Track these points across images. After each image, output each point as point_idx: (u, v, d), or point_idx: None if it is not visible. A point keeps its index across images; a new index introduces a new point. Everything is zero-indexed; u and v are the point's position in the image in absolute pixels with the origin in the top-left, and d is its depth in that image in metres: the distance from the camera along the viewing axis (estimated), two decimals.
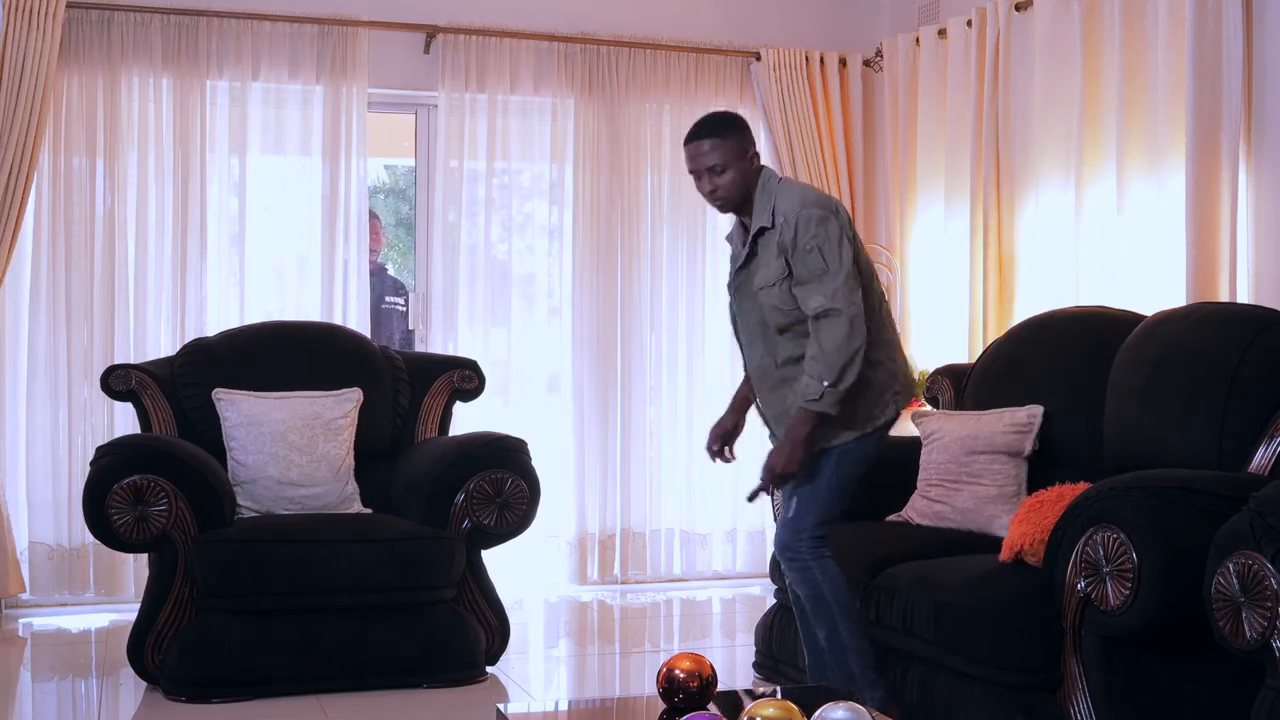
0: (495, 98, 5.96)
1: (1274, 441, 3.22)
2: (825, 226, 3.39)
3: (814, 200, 3.45)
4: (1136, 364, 3.68)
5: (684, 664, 2.67)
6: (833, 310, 3.36)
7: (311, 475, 4.47)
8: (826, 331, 3.37)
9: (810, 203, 3.44)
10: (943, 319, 5.85)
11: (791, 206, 3.43)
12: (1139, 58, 4.69)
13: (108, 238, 5.52)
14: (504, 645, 4.44)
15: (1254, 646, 2.57)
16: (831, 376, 3.36)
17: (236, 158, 5.71)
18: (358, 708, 3.99)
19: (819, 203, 3.45)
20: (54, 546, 5.47)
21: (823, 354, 3.36)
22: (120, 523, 4.03)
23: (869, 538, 3.93)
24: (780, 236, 3.44)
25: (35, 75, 5.24)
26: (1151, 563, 2.83)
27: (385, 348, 5.06)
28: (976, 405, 4.31)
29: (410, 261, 6.86)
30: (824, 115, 6.25)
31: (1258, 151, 4.33)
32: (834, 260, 3.38)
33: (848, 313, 3.35)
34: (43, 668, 4.71)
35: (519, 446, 4.49)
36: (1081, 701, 3.03)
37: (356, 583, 4.14)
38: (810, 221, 3.40)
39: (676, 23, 6.24)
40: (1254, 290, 4.32)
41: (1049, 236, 5.14)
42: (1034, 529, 3.32)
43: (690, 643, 5.10)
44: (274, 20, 5.66)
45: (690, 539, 6.24)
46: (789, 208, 3.44)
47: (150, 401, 4.59)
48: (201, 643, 4.05)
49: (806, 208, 3.42)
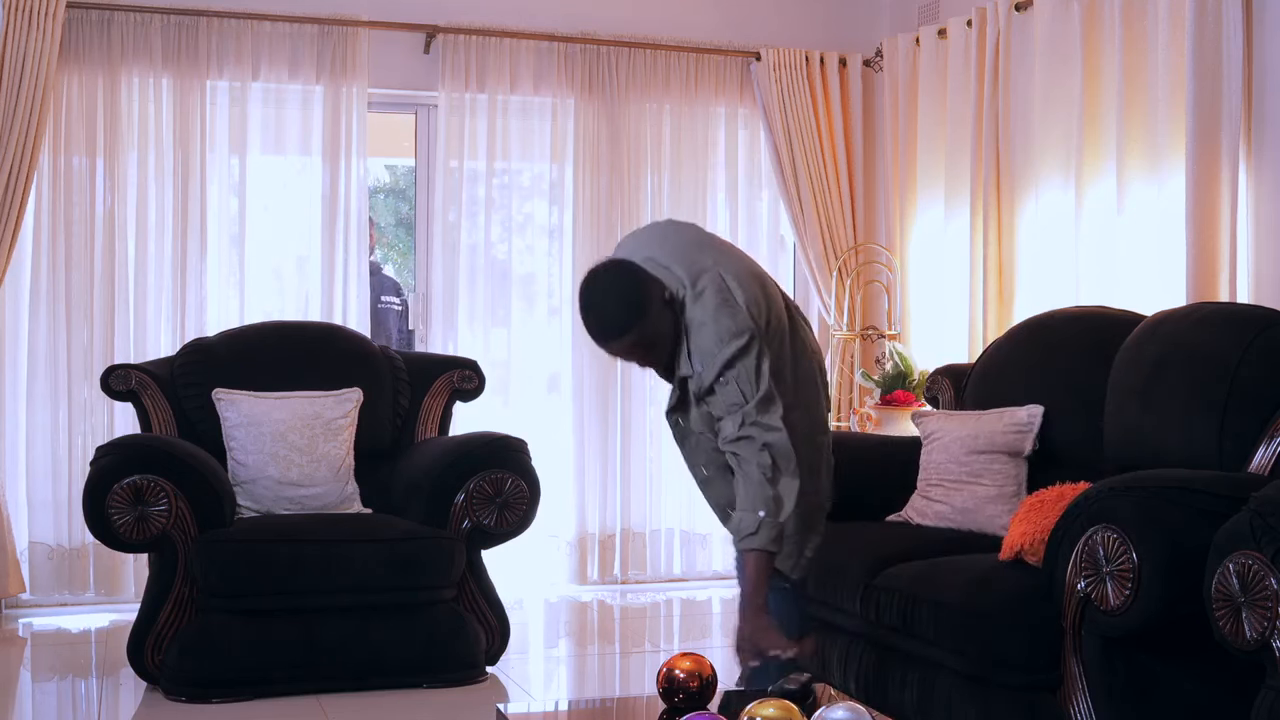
0: (495, 98, 5.96)
1: (1274, 441, 3.22)
2: (743, 359, 3.01)
3: (728, 335, 3.02)
4: (1136, 364, 3.68)
5: (684, 664, 2.67)
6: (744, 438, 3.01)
7: (311, 475, 4.47)
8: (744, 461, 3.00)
9: (725, 339, 3.02)
10: (943, 319, 5.85)
11: (709, 349, 3.04)
12: (1139, 58, 4.69)
13: (108, 238, 5.52)
14: (504, 645, 4.44)
15: (1254, 646, 2.57)
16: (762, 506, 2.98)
17: (236, 158, 5.71)
18: (358, 708, 3.99)
19: (733, 335, 3.02)
20: (54, 546, 5.47)
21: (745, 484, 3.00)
22: (120, 523, 4.03)
23: (869, 538, 3.93)
24: (700, 383, 3.09)
25: (35, 75, 5.24)
26: (1151, 563, 2.83)
27: (385, 348, 5.05)
28: (976, 405, 4.31)
29: (410, 261, 6.86)
30: (824, 115, 6.25)
31: (1258, 151, 4.33)
32: (749, 389, 3.02)
33: (760, 439, 3.00)
34: (43, 668, 4.71)
35: (519, 446, 4.49)
36: (1081, 701, 3.03)
37: (356, 583, 4.14)
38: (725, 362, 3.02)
39: (676, 23, 6.24)
40: (1254, 290, 4.32)
41: (1049, 236, 5.14)
42: (1034, 529, 3.32)
43: (690, 643, 5.10)
44: (274, 20, 5.66)
45: (690, 539, 6.24)
46: (706, 350, 3.04)
47: (150, 401, 4.59)
48: (201, 643, 4.05)
49: (722, 348, 3.02)
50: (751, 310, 3.04)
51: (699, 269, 3.08)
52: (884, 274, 6.29)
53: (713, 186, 6.29)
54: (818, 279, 6.26)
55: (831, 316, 6.26)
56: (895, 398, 5.67)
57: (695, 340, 3.05)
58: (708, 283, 3.05)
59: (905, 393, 5.67)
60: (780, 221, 6.45)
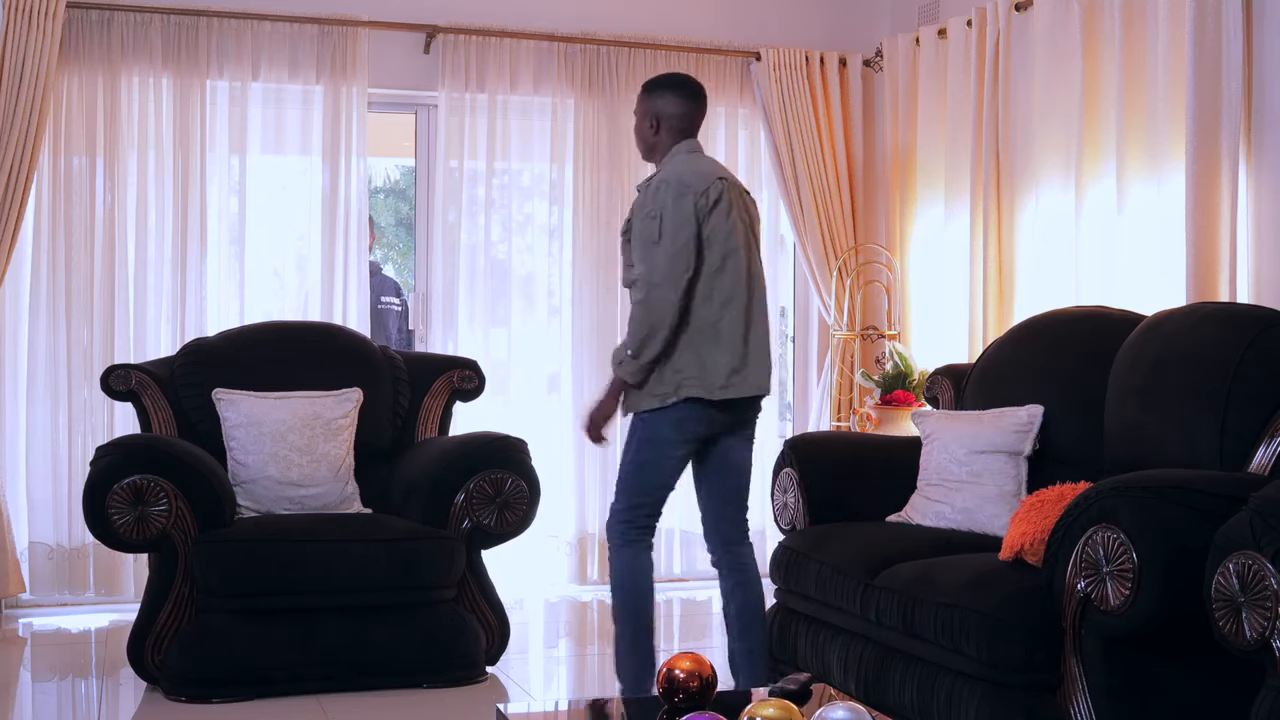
0: (495, 98, 5.96)
1: (1274, 441, 3.22)
2: (679, 202, 3.53)
3: (681, 176, 3.58)
4: (1136, 364, 3.68)
5: (684, 664, 2.66)
6: (642, 282, 3.56)
7: (311, 475, 4.47)
8: (634, 301, 3.58)
9: (675, 177, 3.58)
10: (943, 319, 5.85)
11: (662, 176, 3.63)
12: (1139, 58, 4.69)
13: (108, 238, 5.52)
14: (504, 645, 4.44)
15: (1254, 646, 2.57)
16: (633, 347, 3.58)
17: (236, 158, 5.71)
18: (358, 708, 3.99)
19: (683, 180, 3.57)
20: (54, 546, 5.47)
21: (631, 322, 3.60)
22: (120, 523, 4.03)
23: (869, 538, 3.93)
24: (640, 197, 3.66)
25: (35, 75, 5.24)
26: (1151, 563, 2.83)
27: (385, 348, 5.06)
28: (976, 405, 4.31)
29: (410, 261, 6.87)
30: (824, 115, 6.25)
31: (1258, 151, 4.33)
32: (669, 234, 3.52)
33: (655, 289, 3.52)
34: (43, 668, 4.71)
35: (519, 446, 4.49)
36: (1081, 701, 3.03)
37: (356, 583, 4.14)
38: (663, 191, 3.56)
39: (676, 23, 6.24)
40: (1254, 290, 4.32)
41: (1049, 236, 5.14)
42: (1034, 529, 3.32)
43: (690, 643, 5.10)
44: (274, 20, 5.66)
45: (690, 539, 6.24)
46: (660, 177, 3.64)
47: (150, 401, 4.59)
48: (201, 643, 4.05)
49: (669, 181, 3.57)
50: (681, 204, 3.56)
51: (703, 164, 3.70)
52: (884, 274, 6.30)
53: None
54: (818, 279, 6.26)
55: (831, 316, 6.26)
56: (895, 398, 5.67)
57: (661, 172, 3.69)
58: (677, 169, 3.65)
59: (905, 393, 5.68)
60: (780, 221, 6.45)
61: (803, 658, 4.03)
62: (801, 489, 4.27)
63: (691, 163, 3.69)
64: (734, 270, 3.67)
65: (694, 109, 3.82)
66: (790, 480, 4.33)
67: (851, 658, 3.76)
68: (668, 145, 3.76)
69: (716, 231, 3.62)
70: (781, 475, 4.39)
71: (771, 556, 4.27)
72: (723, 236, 3.64)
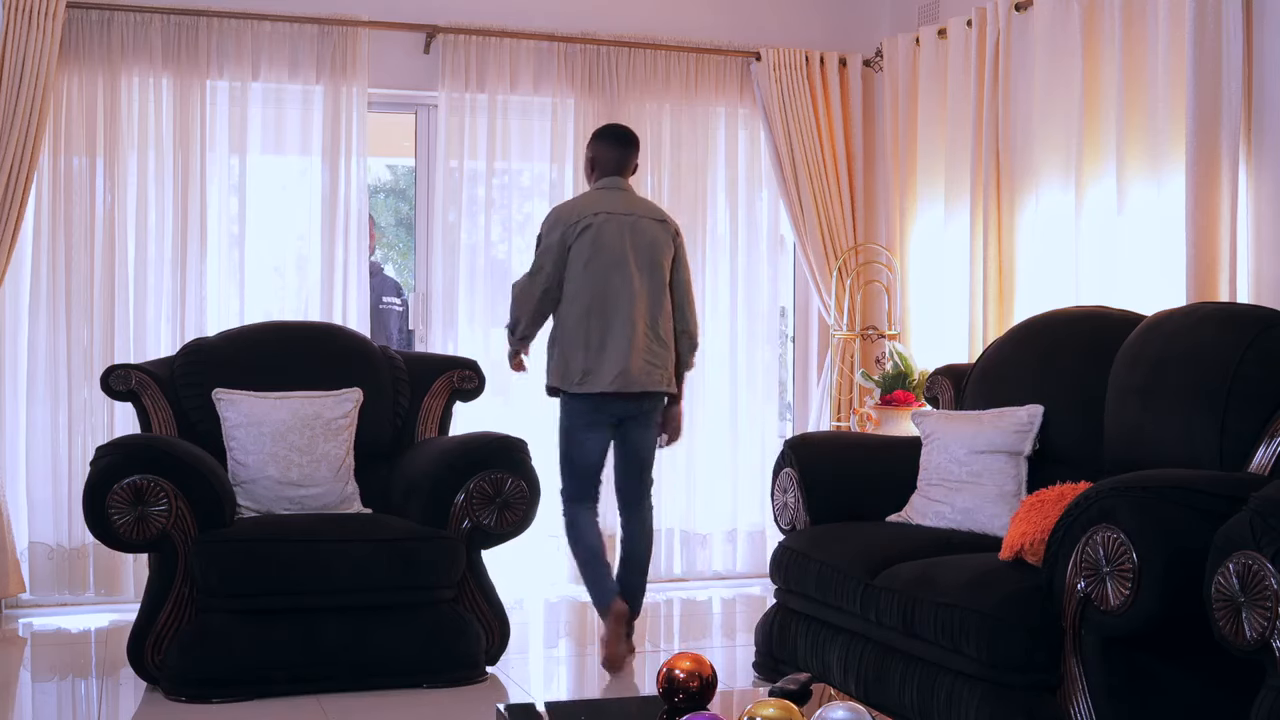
0: (495, 98, 5.96)
1: (1274, 441, 3.22)
2: (552, 230, 4.59)
3: (562, 210, 4.66)
4: (1136, 364, 3.68)
5: (684, 664, 2.66)
6: (516, 284, 4.70)
7: (311, 475, 4.47)
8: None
9: (558, 211, 4.67)
10: (943, 319, 5.85)
11: (554, 208, 4.73)
12: (1139, 58, 4.69)
13: (108, 238, 5.52)
14: (504, 645, 4.44)
15: (1254, 646, 2.57)
16: (509, 326, 4.75)
17: (236, 158, 5.71)
18: (358, 708, 3.99)
19: (561, 213, 4.64)
20: (54, 546, 5.47)
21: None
22: (120, 523, 4.03)
23: (869, 538, 3.94)
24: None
25: (35, 75, 5.24)
26: (1151, 563, 2.83)
27: (385, 348, 5.06)
28: (976, 405, 4.31)
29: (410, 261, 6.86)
30: (824, 115, 6.26)
31: (1258, 151, 4.33)
32: (540, 253, 4.62)
33: (520, 290, 4.64)
34: (43, 668, 4.71)
35: (519, 446, 4.49)
36: (1081, 701, 3.03)
37: (356, 583, 4.14)
38: (547, 220, 4.66)
39: (676, 23, 6.24)
40: (1254, 290, 4.32)
41: (1049, 237, 5.14)
42: (1034, 529, 3.32)
43: (690, 643, 5.11)
44: (274, 20, 5.66)
45: (690, 539, 6.24)
46: (553, 208, 4.75)
47: (150, 401, 4.59)
48: (201, 643, 4.05)
49: (553, 213, 4.67)
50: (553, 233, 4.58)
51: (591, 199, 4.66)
52: (884, 274, 6.30)
53: (713, 186, 6.29)
54: (818, 279, 6.27)
55: (831, 316, 6.26)
56: (895, 398, 5.67)
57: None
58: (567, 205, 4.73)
59: (905, 393, 5.68)
60: (780, 221, 6.45)
61: (803, 658, 4.03)
62: (801, 489, 4.27)
63: (586, 199, 4.67)
64: (599, 288, 4.52)
65: (620, 153, 4.73)
66: (790, 480, 4.33)
67: (851, 658, 3.77)
68: (592, 181, 4.78)
69: (578, 257, 4.53)
70: (781, 475, 4.39)
71: (771, 556, 4.27)
72: (584, 260, 4.52)
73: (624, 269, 4.53)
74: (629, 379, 4.50)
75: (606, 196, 4.64)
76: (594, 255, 4.51)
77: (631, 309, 4.52)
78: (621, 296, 4.52)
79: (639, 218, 4.62)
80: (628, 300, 4.52)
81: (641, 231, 4.59)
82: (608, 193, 4.66)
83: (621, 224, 4.57)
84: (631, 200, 4.69)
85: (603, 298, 4.51)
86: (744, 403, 6.33)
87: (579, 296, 4.52)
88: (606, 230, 4.54)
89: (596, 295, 4.51)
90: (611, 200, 4.63)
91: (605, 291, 4.51)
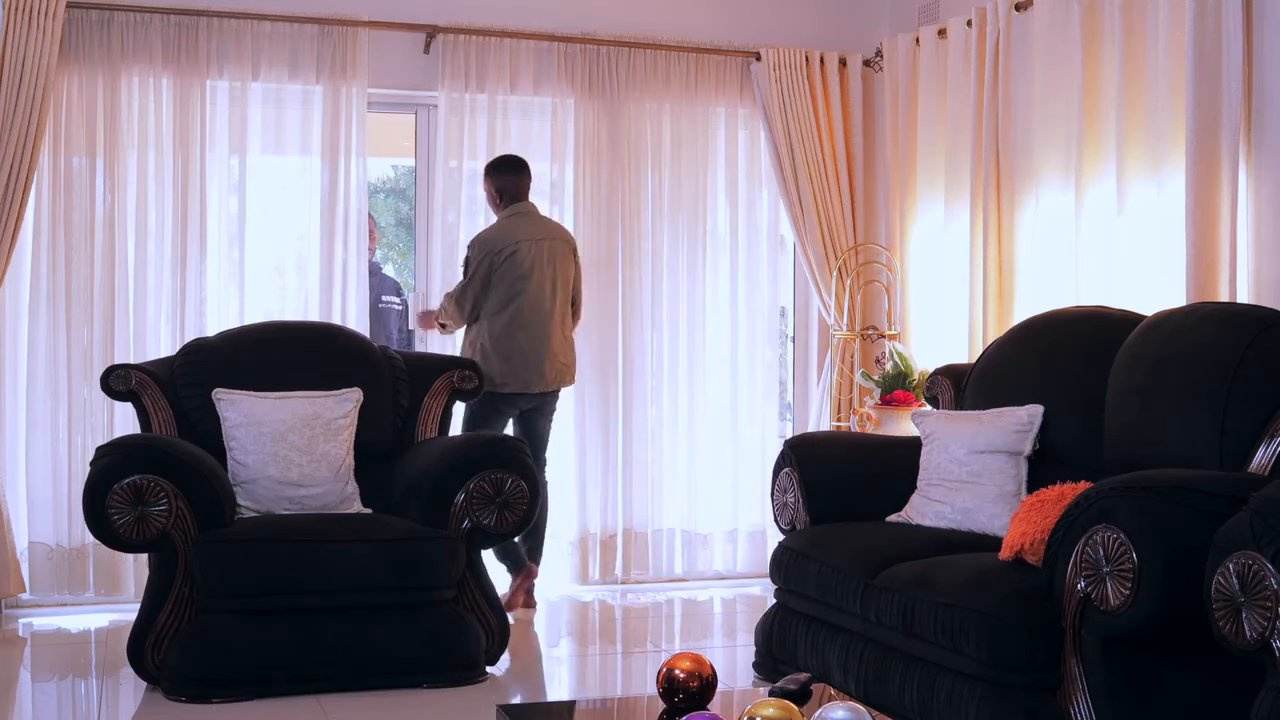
0: (495, 98, 5.96)
1: (1274, 441, 3.22)
2: (480, 256, 5.36)
3: (487, 237, 5.41)
4: (1136, 364, 3.68)
5: (684, 664, 2.67)
6: (449, 298, 5.49)
7: (311, 475, 4.47)
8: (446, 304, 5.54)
9: (484, 238, 5.41)
10: (943, 319, 5.85)
11: (479, 235, 5.47)
12: (1139, 58, 4.69)
13: (108, 238, 5.52)
14: (504, 645, 4.44)
15: (1254, 646, 2.57)
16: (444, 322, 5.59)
17: (236, 158, 5.71)
18: (358, 708, 3.99)
19: (487, 240, 5.39)
20: (54, 546, 5.47)
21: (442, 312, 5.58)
22: (120, 523, 4.03)
23: (869, 538, 3.94)
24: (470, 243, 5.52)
25: (35, 75, 5.24)
26: (1151, 563, 2.83)
27: (385, 348, 5.06)
28: (976, 405, 4.31)
29: (410, 261, 6.86)
30: (824, 115, 6.25)
31: (1258, 151, 4.33)
32: (468, 276, 5.40)
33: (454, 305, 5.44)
34: (43, 668, 4.71)
35: (519, 446, 4.49)
36: (1081, 701, 3.03)
37: (356, 583, 4.14)
38: (474, 246, 5.42)
39: (676, 23, 6.24)
40: (1254, 290, 4.32)
41: (1049, 237, 5.14)
42: (1034, 528, 3.32)
43: (690, 643, 5.10)
44: (274, 20, 5.66)
45: (691, 539, 6.24)
46: (479, 235, 5.48)
47: (150, 401, 4.59)
48: (201, 643, 4.05)
49: (481, 239, 5.42)
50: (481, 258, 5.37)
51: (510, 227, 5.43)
52: (884, 274, 6.30)
53: (713, 186, 6.29)
54: (818, 279, 6.27)
55: (831, 316, 6.26)
56: (895, 398, 5.67)
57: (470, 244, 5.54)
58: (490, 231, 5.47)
59: (905, 393, 5.67)
60: (780, 221, 6.45)
61: (803, 658, 4.03)
62: (801, 489, 4.27)
63: (504, 226, 5.41)
64: (515, 308, 5.32)
65: (518, 179, 5.48)
66: (790, 480, 4.33)
67: (851, 658, 3.77)
68: (501, 208, 5.47)
69: (502, 280, 5.31)
70: (781, 475, 4.39)
71: (771, 556, 4.27)
72: (508, 283, 5.32)
73: (541, 288, 5.36)
74: (543, 384, 5.42)
75: (522, 223, 5.41)
76: (516, 278, 5.31)
77: (548, 324, 5.38)
78: (539, 313, 5.36)
79: (551, 240, 5.44)
80: (545, 316, 5.37)
81: (553, 253, 5.42)
82: (521, 219, 5.42)
83: (540, 248, 5.37)
84: (543, 225, 5.50)
85: (522, 314, 5.33)
86: (744, 403, 6.33)
87: (501, 314, 5.33)
88: (526, 255, 5.34)
89: (515, 313, 5.33)
90: (528, 227, 5.41)
91: (523, 309, 5.33)
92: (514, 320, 5.34)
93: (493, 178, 5.51)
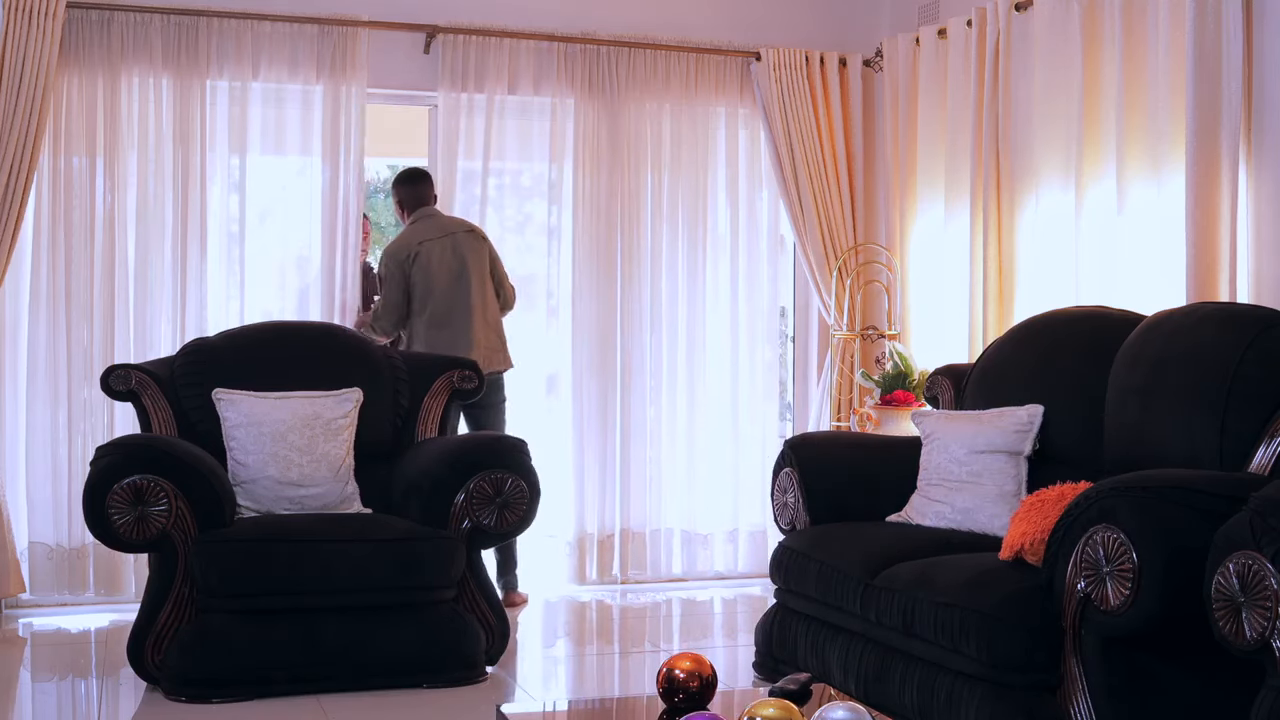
0: (495, 97, 5.96)
1: (1274, 441, 3.22)
2: (390, 266, 5.53)
3: (393, 248, 5.59)
4: (1136, 364, 3.68)
5: (684, 664, 2.67)
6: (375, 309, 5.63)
7: (311, 475, 4.47)
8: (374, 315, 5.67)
9: (391, 250, 5.58)
10: (943, 319, 5.86)
11: (387, 248, 5.65)
12: (1139, 58, 4.69)
13: (108, 238, 5.52)
14: (504, 645, 4.44)
15: (1254, 646, 2.57)
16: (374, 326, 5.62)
17: (236, 157, 5.72)
18: (358, 708, 3.99)
19: (393, 251, 5.57)
20: (54, 546, 5.47)
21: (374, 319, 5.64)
22: (120, 523, 4.03)
23: (869, 538, 3.94)
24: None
25: (35, 75, 5.25)
26: (1151, 563, 2.83)
27: (385, 348, 5.06)
28: (976, 405, 4.31)
29: None
30: (824, 115, 6.26)
31: (1258, 151, 4.33)
32: (386, 286, 5.56)
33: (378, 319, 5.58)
34: (43, 668, 4.71)
35: (519, 446, 4.49)
36: (1081, 701, 3.03)
37: (356, 583, 4.14)
38: (384, 259, 5.59)
39: (676, 23, 6.24)
40: (1254, 290, 4.32)
41: (1049, 237, 5.14)
42: (1034, 528, 3.32)
43: (690, 643, 5.11)
44: (274, 20, 5.66)
45: (691, 539, 6.24)
46: (387, 248, 5.66)
47: (150, 401, 4.59)
48: (201, 643, 4.05)
49: (388, 252, 5.59)
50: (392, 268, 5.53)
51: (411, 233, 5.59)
52: (884, 274, 6.30)
53: (713, 186, 6.29)
54: (818, 279, 6.27)
55: (831, 316, 6.26)
56: (895, 398, 5.67)
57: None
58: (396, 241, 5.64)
59: (905, 393, 5.68)
60: (780, 221, 6.45)
61: (803, 658, 4.03)
62: (801, 489, 4.27)
63: (407, 233, 5.59)
64: (431, 308, 5.48)
65: (417, 189, 5.66)
66: (790, 480, 4.33)
67: (851, 658, 3.76)
68: (408, 218, 5.66)
69: (418, 282, 5.49)
70: (781, 475, 4.39)
71: (771, 556, 4.27)
72: (423, 283, 5.48)
73: (452, 284, 5.49)
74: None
75: (423, 226, 5.56)
76: (426, 277, 5.47)
77: (469, 314, 5.49)
78: (457, 305, 5.48)
79: (453, 234, 5.54)
80: (464, 307, 5.48)
81: (459, 246, 5.52)
82: (423, 223, 5.57)
83: (444, 245, 5.50)
84: (443, 223, 5.60)
85: (440, 310, 5.48)
86: (744, 403, 6.33)
87: (421, 313, 5.51)
88: (432, 255, 5.48)
89: (434, 310, 5.49)
90: (428, 228, 5.55)
91: (440, 305, 5.48)
92: (431, 319, 5.48)
93: (395, 191, 5.75)
